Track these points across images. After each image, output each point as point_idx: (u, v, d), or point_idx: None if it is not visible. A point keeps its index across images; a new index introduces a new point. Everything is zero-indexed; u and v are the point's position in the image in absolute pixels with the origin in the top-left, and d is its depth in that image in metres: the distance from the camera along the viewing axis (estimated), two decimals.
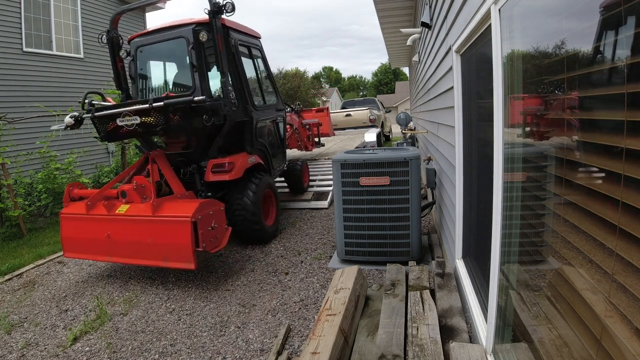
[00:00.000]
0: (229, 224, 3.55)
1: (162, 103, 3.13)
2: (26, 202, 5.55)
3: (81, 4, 8.52)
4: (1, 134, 5.22)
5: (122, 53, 4.07)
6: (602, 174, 0.95)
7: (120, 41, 4.09)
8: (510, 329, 1.55)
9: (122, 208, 3.33)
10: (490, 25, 1.63)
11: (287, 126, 6.33)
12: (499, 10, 1.55)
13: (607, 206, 0.90)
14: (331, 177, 4.24)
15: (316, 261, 3.73)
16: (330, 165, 6.57)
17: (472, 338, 2.00)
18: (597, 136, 0.99)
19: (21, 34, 7.29)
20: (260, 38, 4.88)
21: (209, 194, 3.85)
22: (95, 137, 3.66)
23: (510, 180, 1.58)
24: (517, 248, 1.58)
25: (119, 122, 3.39)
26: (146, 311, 2.97)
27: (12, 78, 7.07)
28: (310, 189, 6.29)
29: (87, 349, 2.54)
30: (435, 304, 2.30)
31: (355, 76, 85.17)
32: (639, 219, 0.77)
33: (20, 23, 7.26)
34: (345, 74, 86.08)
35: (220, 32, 3.48)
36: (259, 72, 4.78)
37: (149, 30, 4.06)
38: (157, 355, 2.41)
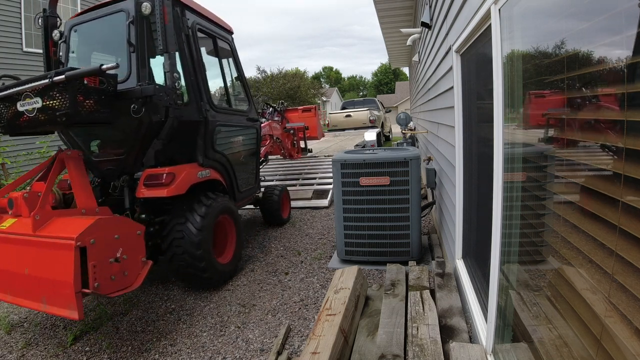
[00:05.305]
0: (167, 258, 2.90)
1: (63, 76, 2.31)
2: None
3: (81, 4, 8.53)
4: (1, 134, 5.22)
5: (55, 34, 3.34)
6: (602, 174, 0.95)
7: (58, 23, 3.45)
8: (510, 329, 1.55)
9: (6, 223, 2.48)
10: (490, 25, 1.63)
11: (267, 136, 5.46)
12: (499, 10, 1.55)
13: (607, 206, 0.90)
14: (331, 175, 4.22)
15: (316, 261, 3.73)
16: (330, 163, 6.56)
17: (472, 338, 2.00)
18: (597, 136, 0.99)
19: (21, 34, 7.30)
20: (232, 33, 4.13)
21: (143, 216, 2.96)
22: None
23: (510, 180, 1.58)
24: (517, 248, 1.58)
25: (19, 106, 2.56)
26: (146, 311, 2.97)
27: None
28: (310, 187, 6.22)
29: (87, 349, 2.54)
30: (435, 304, 2.30)
31: (356, 76, 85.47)
32: (639, 219, 0.77)
33: (20, 23, 7.27)
34: (345, 74, 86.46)
35: (168, 5, 2.83)
36: (225, 71, 3.93)
37: (90, 7, 3.33)
38: (157, 355, 2.41)
